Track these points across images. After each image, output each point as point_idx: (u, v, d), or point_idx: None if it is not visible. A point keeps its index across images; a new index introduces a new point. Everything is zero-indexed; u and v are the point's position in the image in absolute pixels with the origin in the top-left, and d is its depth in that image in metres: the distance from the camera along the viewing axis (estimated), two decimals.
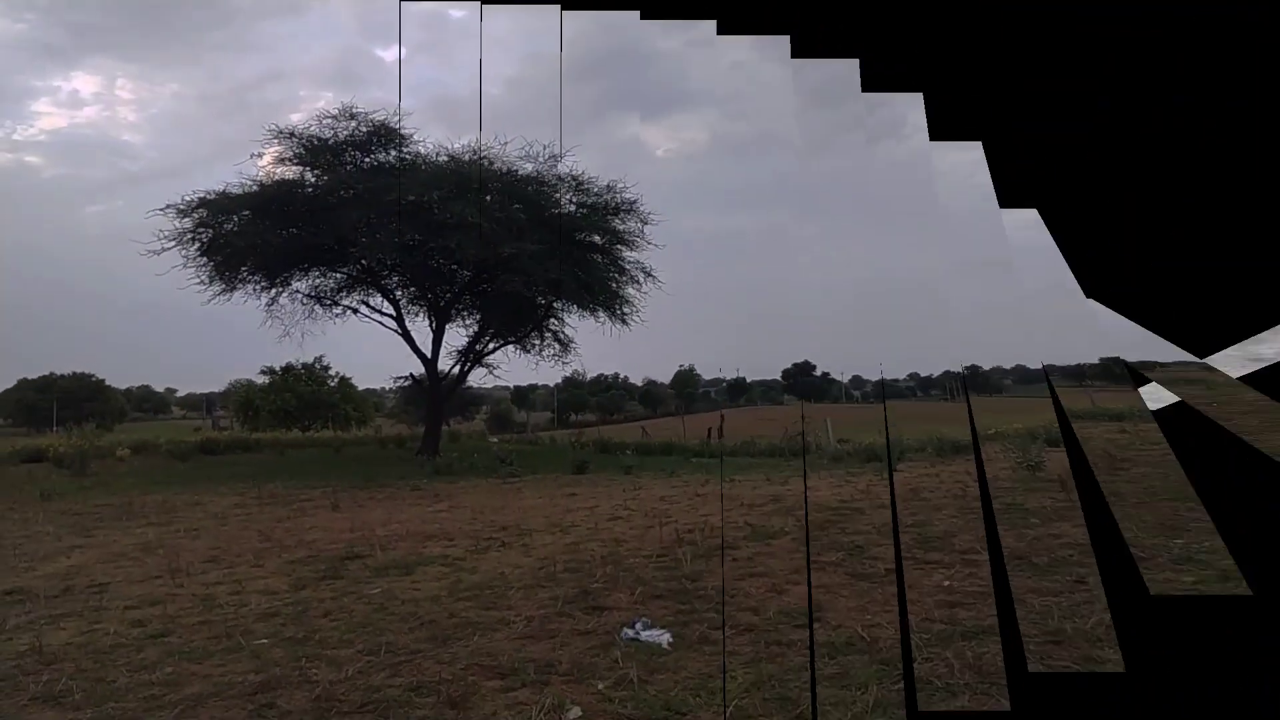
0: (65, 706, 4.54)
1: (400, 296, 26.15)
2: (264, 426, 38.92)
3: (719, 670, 4.79)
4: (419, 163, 22.54)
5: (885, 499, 10.76)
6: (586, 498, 13.31)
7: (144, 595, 7.16)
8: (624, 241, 24.07)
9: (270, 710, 4.36)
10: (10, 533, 11.25)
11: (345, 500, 14.12)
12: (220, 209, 22.13)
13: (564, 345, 27.42)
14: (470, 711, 4.25)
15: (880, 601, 5.92)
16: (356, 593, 6.97)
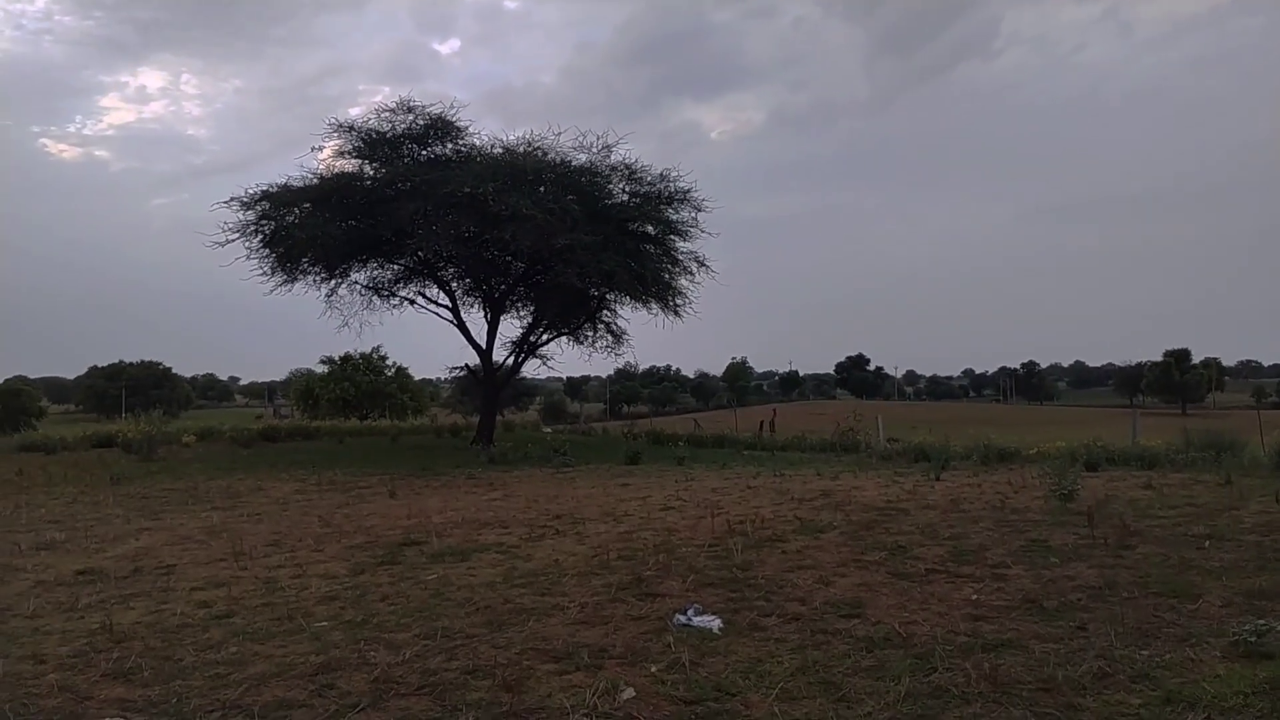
0: (134, 683, 4.69)
1: (456, 288, 26.44)
2: (323, 415, 39.64)
3: (767, 654, 4.83)
4: (474, 155, 22.70)
5: (931, 501, 10.65)
6: (639, 488, 13.36)
7: (209, 577, 7.36)
8: (677, 231, 23.99)
9: (330, 691, 4.46)
10: (83, 515, 11.63)
11: (402, 488, 14.35)
12: (282, 201, 22.57)
13: (617, 337, 27.50)
14: (526, 694, 4.31)
15: (919, 600, 5.93)
16: (414, 578, 7.09)
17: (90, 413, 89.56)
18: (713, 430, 28.50)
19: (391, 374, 45.28)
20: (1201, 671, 4.36)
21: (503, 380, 27.91)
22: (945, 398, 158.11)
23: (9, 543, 9.39)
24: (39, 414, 73.63)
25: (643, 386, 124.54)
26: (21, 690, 4.61)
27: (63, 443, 23.64)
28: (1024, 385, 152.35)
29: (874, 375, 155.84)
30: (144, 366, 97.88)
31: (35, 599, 6.73)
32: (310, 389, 44.10)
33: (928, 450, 17.45)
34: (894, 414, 42.91)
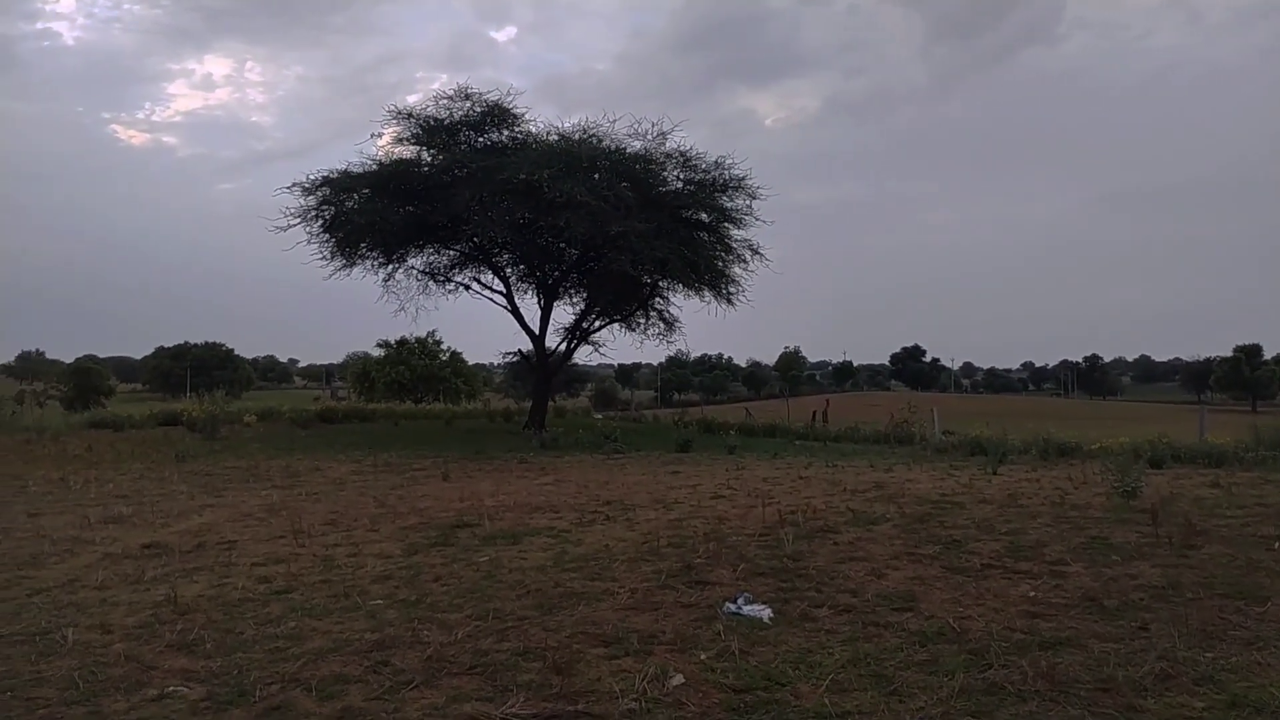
0: (197, 655, 4.83)
1: (510, 274, 26.62)
2: (379, 397, 40.24)
3: (818, 645, 4.81)
4: (530, 142, 22.82)
5: (987, 495, 10.48)
6: (690, 476, 13.37)
7: (269, 554, 7.53)
8: (731, 219, 23.87)
9: (385, 667, 4.55)
10: (149, 491, 11.97)
11: (455, 470, 14.53)
12: (342, 187, 22.91)
13: (669, 324, 27.50)
14: (575, 677, 4.35)
15: (974, 595, 5.84)
16: (466, 560, 7.19)
17: (156, 392, 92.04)
18: (764, 419, 28.35)
19: (446, 358, 45.79)
20: (1269, 676, 4.25)
21: (555, 366, 28.08)
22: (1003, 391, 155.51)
23: (79, 516, 9.71)
24: (108, 392, 75.82)
25: (694, 374, 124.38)
26: (90, 659, 4.77)
27: (130, 420, 24.32)
28: (1086, 379, 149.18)
29: (930, 366, 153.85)
30: (208, 348, 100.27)
31: (103, 571, 6.96)
32: (367, 372, 44.82)
33: (984, 444, 17.17)
34: (950, 406, 42.28)
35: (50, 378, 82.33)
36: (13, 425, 22.78)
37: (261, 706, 4.06)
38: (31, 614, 5.71)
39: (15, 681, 4.42)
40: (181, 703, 4.13)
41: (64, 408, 51.75)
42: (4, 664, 4.70)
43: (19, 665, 4.67)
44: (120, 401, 64.89)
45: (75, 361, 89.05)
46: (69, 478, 13.40)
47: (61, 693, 4.27)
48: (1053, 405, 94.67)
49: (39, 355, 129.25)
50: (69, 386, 71.76)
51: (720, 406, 68.80)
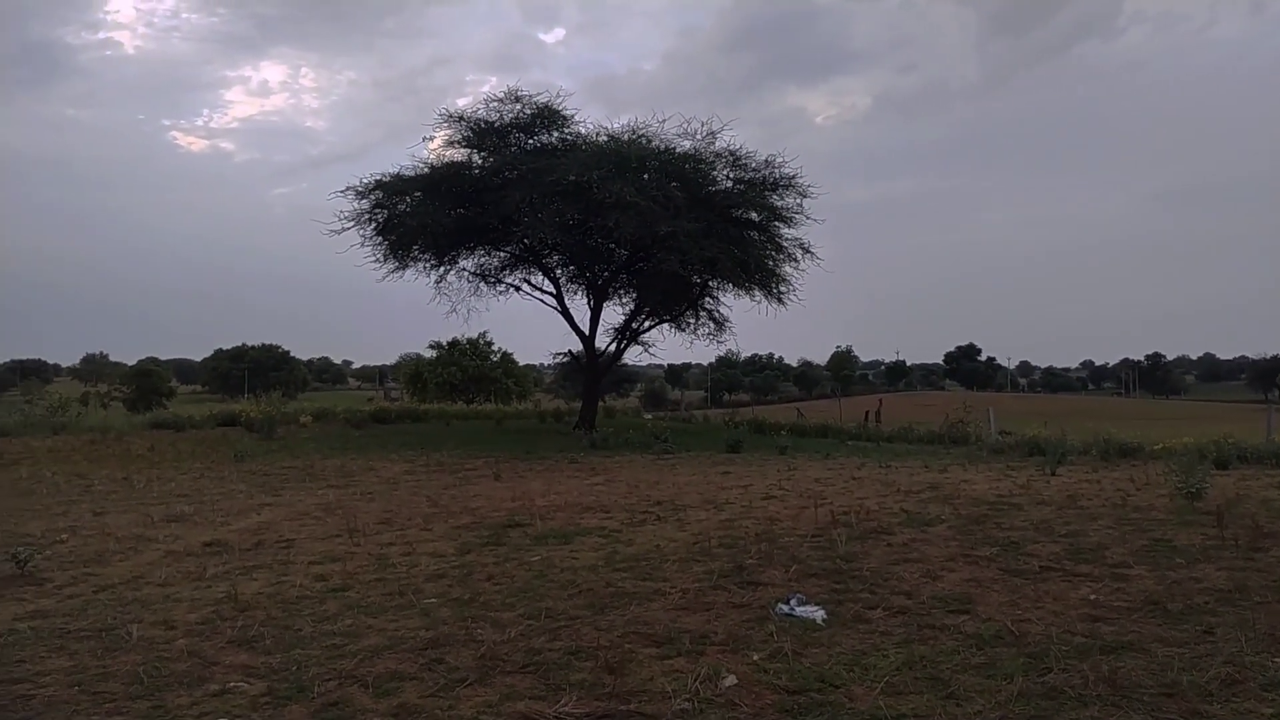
0: (257, 650, 4.92)
1: (560, 275, 26.70)
2: (431, 398, 40.65)
3: (872, 647, 4.76)
4: (579, 143, 22.88)
5: (1046, 496, 10.27)
6: (740, 476, 13.31)
7: (325, 552, 7.65)
8: (781, 218, 23.66)
9: (440, 665, 4.59)
10: (209, 490, 12.24)
11: (506, 470, 14.63)
12: (394, 190, 23.19)
13: (719, 324, 27.34)
14: (628, 677, 4.35)
15: (1032, 598, 5.73)
16: (518, 559, 7.23)
17: (215, 393, 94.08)
18: (816, 420, 28.11)
19: (497, 359, 46.17)
20: None
21: (605, 366, 28.11)
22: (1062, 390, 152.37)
23: (142, 514, 9.96)
24: (169, 394, 77.74)
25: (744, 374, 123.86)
26: (154, 654, 4.88)
27: (190, 421, 24.86)
28: (1148, 378, 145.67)
29: (985, 366, 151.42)
30: (265, 349, 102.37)
31: (166, 568, 7.13)
32: (419, 373, 45.35)
33: (1042, 444, 16.82)
34: (1006, 406, 41.66)
35: (114, 380, 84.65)
36: (78, 426, 23.42)
37: (320, 702, 4.12)
38: (98, 610, 5.87)
39: (82, 676, 4.54)
40: (242, 698, 4.21)
41: (127, 409, 53.20)
42: (72, 659, 4.84)
43: (86, 660, 4.80)
44: (181, 402, 66.38)
45: (137, 364, 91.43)
46: (132, 477, 13.76)
47: (127, 687, 4.38)
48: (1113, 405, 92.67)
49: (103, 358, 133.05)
50: (132, 388, 73.70)
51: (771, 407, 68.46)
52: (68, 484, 13.02)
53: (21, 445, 18.88)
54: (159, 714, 4.05)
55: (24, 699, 4.25)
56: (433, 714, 3.96)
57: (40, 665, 4.74)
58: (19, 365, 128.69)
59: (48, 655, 4.91)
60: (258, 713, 4.04)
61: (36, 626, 5.49)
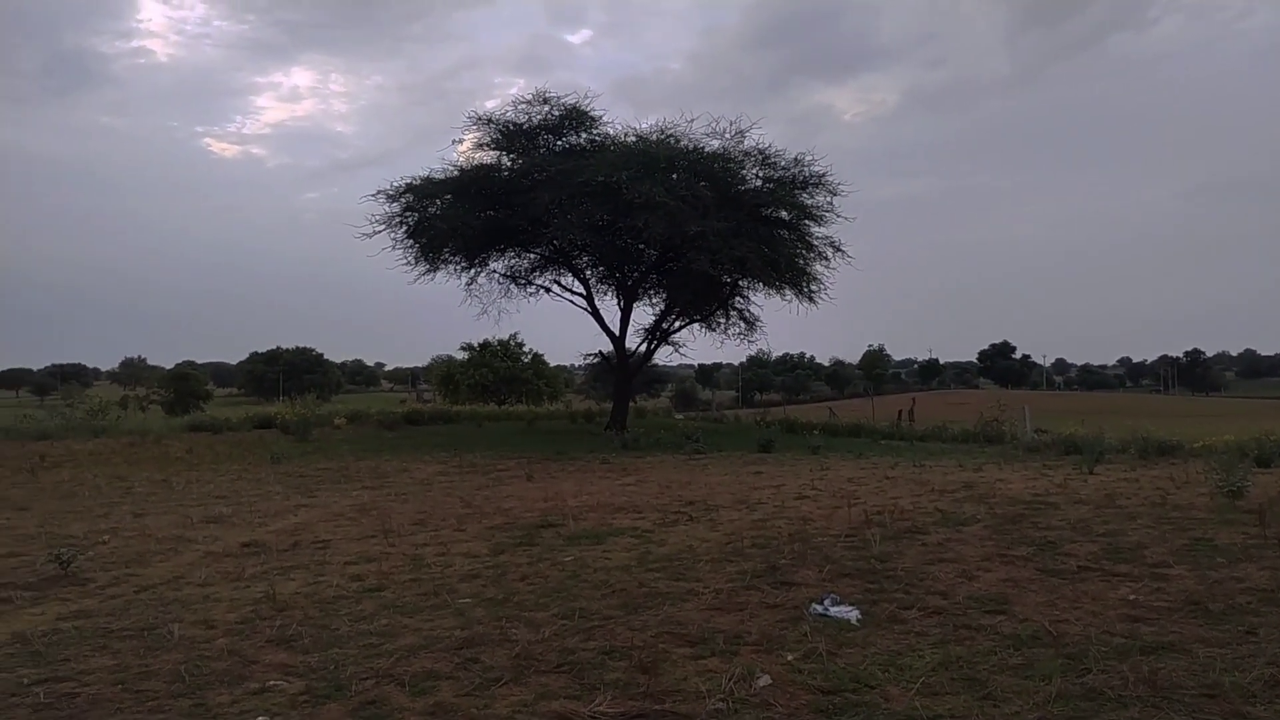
0: (295, 649, 4.98)
1: (590, 275, 26.78)
2: (463, 399, 40.88)
3: (907, 648, 4.73)
4: (608, 144, 22.93)
5: (1083, 495, 10.15)
6: (772, 476, 13.27)
7: (361, 553, 7.73)
8: (812, 216, 23.55)
9: (475, 664, 4.62)
10: (246, 491, 12.40)
11: (539, 471, 14.69)
12: (424, 193, 23.38)
13: (749, 324, 27.27)
14: (661, 676, 4.36)
15: (1070, 598, 5.66)
16: (551, 559, 7.26)
17: (251, 395, 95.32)
18: (848, 419, 27.95)
19: (528, 360, 46.30)
20: None
21: (635, 367, 28.15)
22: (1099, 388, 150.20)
23: (181, 516, 10.11)
24: (206, 396, 78.75)
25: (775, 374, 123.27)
26: (194, 653, 4.96)
27: (227, 424, 25.17)
28: (1187, 375, 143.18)
29: (1020, 364, 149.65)
30: (299, 352, 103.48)
31: (205, 568, 7.23)
32: (451, 374, 45.62)
33: (1079, 442, 16.60)
34: (1042, 404, 41.18)
35: (152, 383, 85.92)
36: (118, 429, 23.81)
37: (357, 701, 4.17)
38: (139, 610, 5.97)
39: (125, 675, 4.62)
40: (281, 696, 4.26)
41: (165, 411, 54.01)
42: (114, 657, 4.92)
43: (128, 659, 4.89)
44: (217, 405, 67.35)
45: (175, 367, 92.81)
46: (171, 479, 13.97)
47: (168, 685, 4.45)
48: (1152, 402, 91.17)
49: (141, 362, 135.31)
50: (169, 391, 74.70)
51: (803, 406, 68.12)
52: (108, 486, 13.25)
53: (63, 448, 19.23)
54: (200, 712, 4.11)
55: (69, 697, 4.33)
56: (468, 713, 3.99)
57: (84, 664, 4.82)
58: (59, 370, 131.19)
59: (91, 654, 5.00)
60: (296, 711, 4.08)
61: (80, 626, 5.59)
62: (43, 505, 11.32)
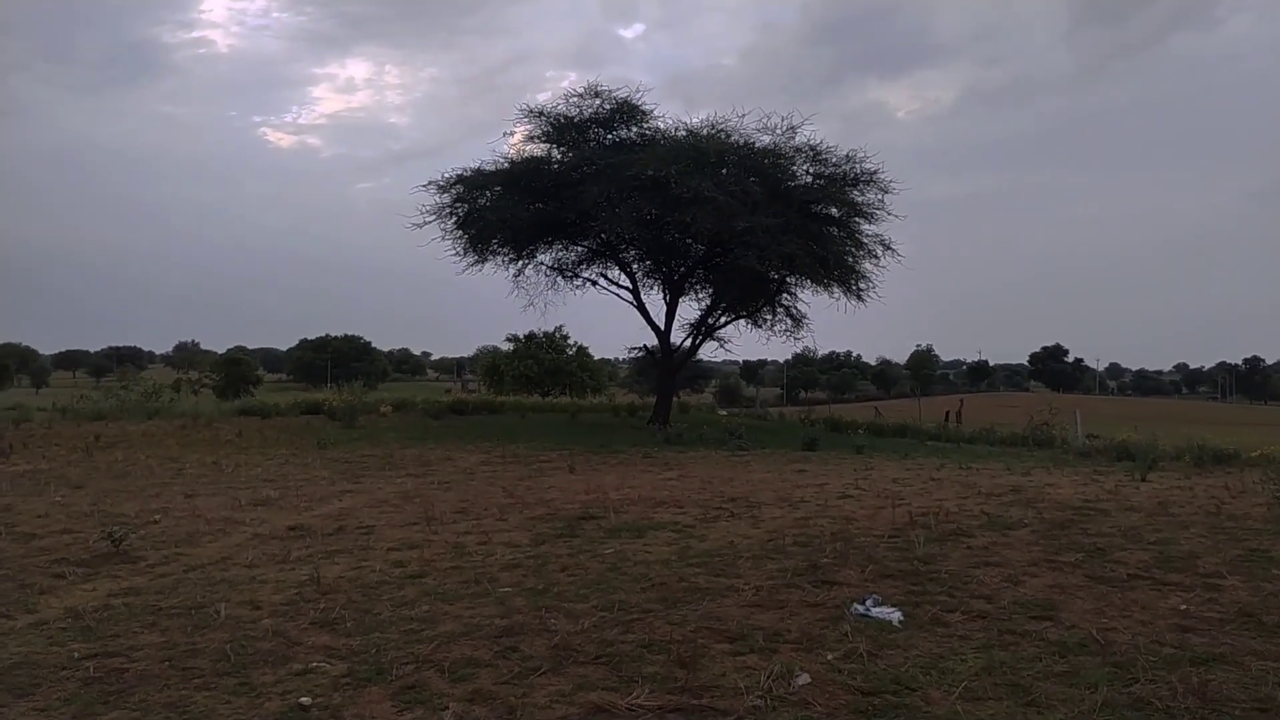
0: (338, 632, 5.04)
1: (637, 269, 26.77)
2: (507, 390, 41.17)
3: (950, 651, 4.66)
4: (658, 138, 22.87)
5: (1134, 502, 9.92)
6: (816, 475, 13.16)
7: (404, 539, 7.80)
8: (862, 214, 23.31)
9: (514, 653, 4.64)
10: (293, 475, 12.59)
11: (581, 463, 14.73)
12: (474, 185, 23.53)
13: (796, 321, 27.05)
14: (700, 671, 4.34)
15: (1119, 607, 5.53)
16: (591, 551, 7.27)
17: (299, 382, 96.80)
18: (894, 419, 27.70)
19: (572, 353, 46.47)
20: None
21: (680, 362, 28.09)
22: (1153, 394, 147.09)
23: (230, 498, 10.29)
24: (256, 382, 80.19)
25: (821, 372, 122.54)
26: (240, 633, 5.04)
27: (276, 409, 25.60)
28: (1245, 382, 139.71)
29: (1072, 367, 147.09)
30: (347, 340, 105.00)
31: (252, 550, 7.35)
32: (496, 365, 45.96)
33: (1132, 448, 16.26)
34: (1094, 409, 40.46)
35: (204, 367, 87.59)
36: (171, 411, 24.35)
37: (398, 685, 4.20)
38: (188, 589, 6.08)
39: (173, 652, 4.71)
40: (324, 678, 4.31)
41: (216, 396, 55.09)
42: (163, 635, 5.02)
43: (176, 636, 4.98)
44: (266, 390, 68.50)
45: (227, 352, 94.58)
46: (221, 461, 14.24)
47: (214, 664, 4.53)
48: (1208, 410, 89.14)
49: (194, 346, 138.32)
50: (221, 376, 76.16)
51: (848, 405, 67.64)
52: (160, 467, 13.53)
53: (118, 429, 19.70)
54: (245, 691, 4.18)
55: (118, 672, 4.42)
56: (507, 701, 4.00)
57: (133, 640, 4.93)
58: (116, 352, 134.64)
59: (141, 631, 5.11)
60: (338, 693, 4.13)
61: (130, 603, 5.71)
62: (97, 484, 11.60)
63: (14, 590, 6.06)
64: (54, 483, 11.59)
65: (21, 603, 5.74)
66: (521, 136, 24.20)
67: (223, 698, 4.10)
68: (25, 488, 11.16)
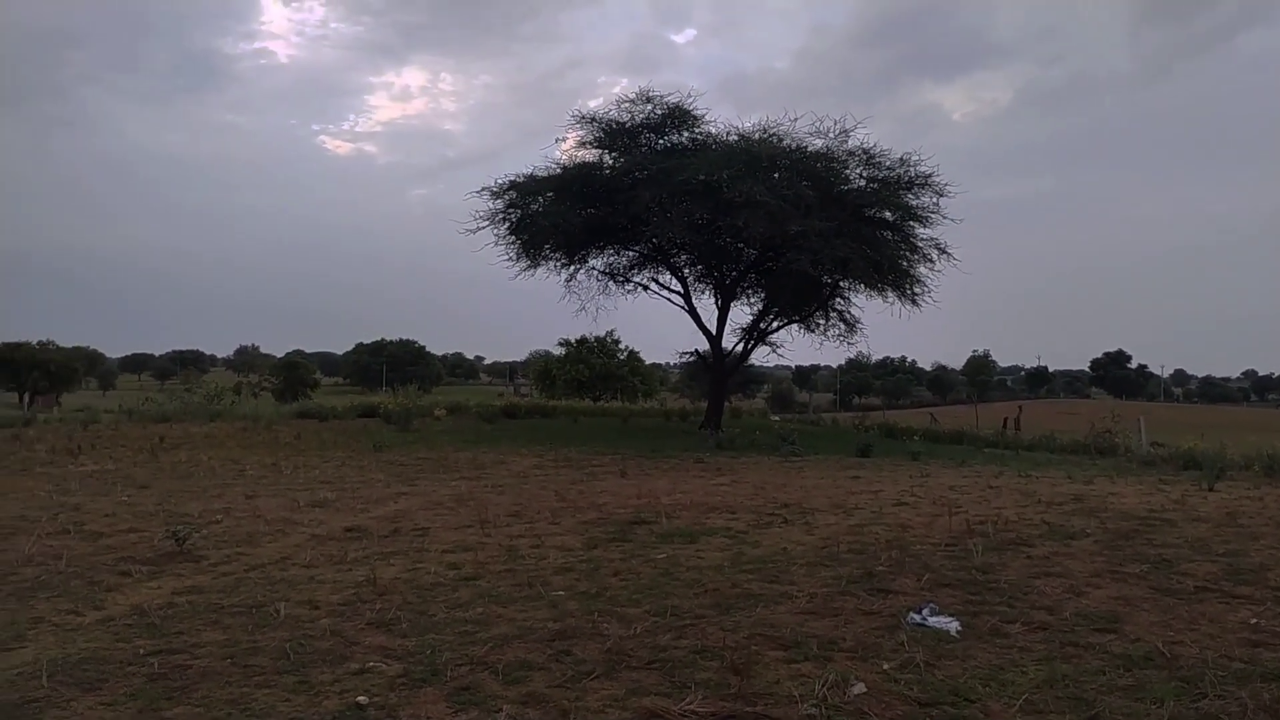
0: (394, 633, 5.10)
1: (688, 274, 26.74)
2: (559, 394, 41.35)
3: (1010, 663, 4.57)
4: (710, 142, 22.84)
5: (1202, 512, 9.64)
6: (870, 481, 13.01)
7: (458, 541, 7.87)
8: (917, 217, 23.01)
9: (567, 657, 4.65)
10: (350, 477, 12.79)
11: (632, 468, 14.73)
12: (527, 191, 23.71)
13: (850, 325, 26.79)
14: (754, 678, 4.30)
15: (1186, 619, 5.38)
16: (644, 556, 7.26)
17: (356, 385, 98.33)
18: (950, 425, 27.27)
19: (624, 357, 46.54)
20: None
21: (731, 367, 27.97)
22: (1221, 401, 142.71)
23: (289, 499, 10.48)
24: (313, 385, 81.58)
25: (875, 378, 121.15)
26: (299, 632, 5.12)
27: (333, 412, 26.04)
28: None
29: (1136, 374, 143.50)
30: (402, 344, 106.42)
31: (311, 551, 7.48)
32: (548, 369, 46.19)
33: (1199, 457, 15.80)
34: (1159, 416, 39.42)
35: (264, 371, 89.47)
36: (232, 414, 24.88)
37: (452, 686, 4.24)
38: (248, 588, 6.20)
39: (234, 650, 4.81)
40: (380, 678, 4.36)
41: (275, 398, 56.14)
42: (225, 633, 5.12)
43: (238, 634, 5.08)
44: (324, 394, 69.58)
45: (285, 356, 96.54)
46: (280, 463, 14.52)
47: (274, 662, 4.61)
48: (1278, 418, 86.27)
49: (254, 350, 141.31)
50: (280, 379, 77.69)
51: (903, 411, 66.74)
52: (222, 468, 13.84)
53: (181, 430, 20.19)
54: (304, 689, 4.24)
55: (181, 669, 4.52)
56: (560, 704, 4.01)
57: (196, 638, 5.04)
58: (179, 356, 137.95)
59: (203, 628, 5.22)
60: (394, 693, 4.18)
61: (193, 601, 5.84)
62: (162, 484, 11.90)
63: (83, 587, 6.23)
64: (120, 483, 11.92)
65: (90, 599, 5.90)
66: (574, 142, 24.40)
67: (282, 695, 4.17)
68: (93, 487, 11.49)
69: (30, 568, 6.81)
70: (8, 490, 11.16)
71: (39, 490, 11.18)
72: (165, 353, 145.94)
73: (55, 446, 16.55)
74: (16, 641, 5.00)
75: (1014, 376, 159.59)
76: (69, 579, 6.47)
